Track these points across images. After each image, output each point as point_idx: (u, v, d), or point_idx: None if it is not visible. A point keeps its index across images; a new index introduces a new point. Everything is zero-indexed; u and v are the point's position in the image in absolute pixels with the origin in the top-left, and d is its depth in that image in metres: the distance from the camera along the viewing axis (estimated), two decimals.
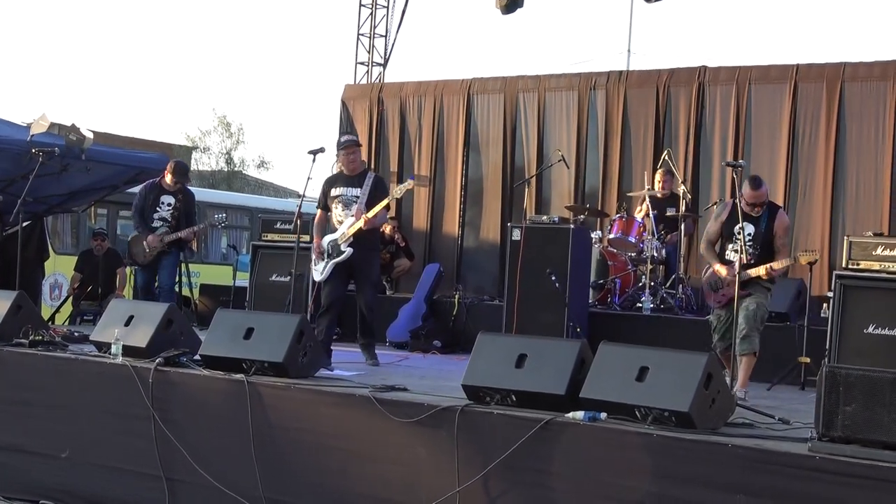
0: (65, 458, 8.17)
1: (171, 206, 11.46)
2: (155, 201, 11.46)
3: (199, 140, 44.62)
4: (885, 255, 8.53)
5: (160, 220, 11.42)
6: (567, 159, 12.84)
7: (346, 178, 9.66)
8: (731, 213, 8.38)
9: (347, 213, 9.48)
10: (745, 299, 8.10)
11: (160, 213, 11.43)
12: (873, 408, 5.34)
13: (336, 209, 9.55)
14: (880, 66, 12.28)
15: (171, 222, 11.42)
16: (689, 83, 13.24)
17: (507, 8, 14.64)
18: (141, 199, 11.53)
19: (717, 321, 8.52)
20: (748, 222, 8.25)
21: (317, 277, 9.61)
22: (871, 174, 12.13)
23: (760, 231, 8.25)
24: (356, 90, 16.21)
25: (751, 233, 8.25)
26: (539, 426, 6.14)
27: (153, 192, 11.52)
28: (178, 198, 11.50)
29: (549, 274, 10.22)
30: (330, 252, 9.46)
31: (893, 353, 8.25)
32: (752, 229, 8.26)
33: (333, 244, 9.46)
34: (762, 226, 8.25)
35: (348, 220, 9.43)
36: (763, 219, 8.26)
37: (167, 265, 11.47)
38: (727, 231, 8.40)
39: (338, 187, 9.60)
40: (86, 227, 17.82)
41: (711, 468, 5.67)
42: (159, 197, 11.49)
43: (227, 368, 7.58)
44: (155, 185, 11.58)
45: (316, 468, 7.08)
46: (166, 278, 11.48)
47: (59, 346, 8.67)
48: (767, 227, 8.26)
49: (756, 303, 8.16)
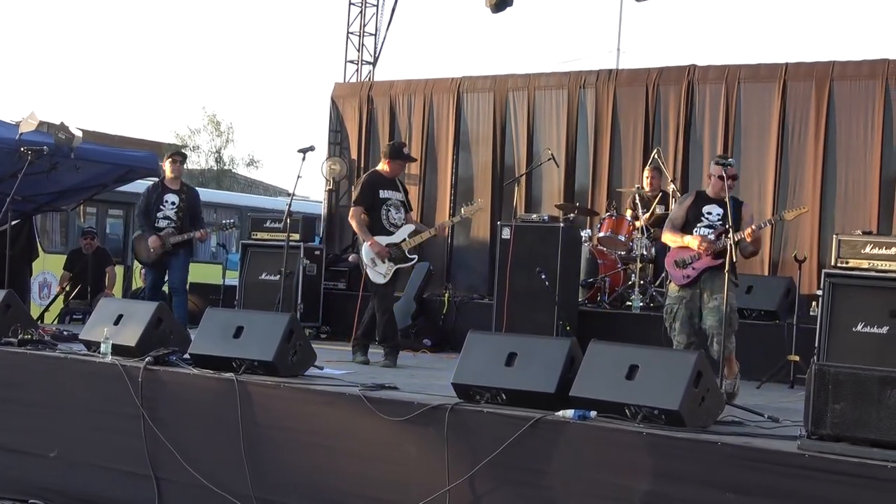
0: (53, 457, 8.15)
1: (174, 205, 11.39)
2: (158, 200, 11.39)
3: (189, 138, 44.55)
4: (874, 254, 8.56)
5: (165, 219, 11.35)
6: (557, 158, 12.85)
7: (388, 180, 9.73)
8: (696, 197, 8.31)
9: (400, 218, 9.60)
10: (714, 300, 7.88)
11: (164, 211, 11.36)
12: (862, 406, 5.35)
13: (389, 212, 9.57)
14: (869, 64, 12.30)
15: (177, 222, 11.34)
16: (679, 82, 13.25)
17: (497, 6, 14.63)
18: (144, 199, 11.48)
19: (678, 303, 8.10)
20: (714, 204, 8.14)
21: (379, 280, 9.48)
22: (860, 173, 12.15)
23: (729, 212, 7.88)
24: (346, 89, 16.19)
25: (719, 213, 8.08)
26: (529, 425, 6.14)
27: (156, 192, 11.47)
28: (182, 197, 11.44)
29: (539, 272, 10.23)
30: (393, 256, 9.45)
31: (882, 351, 8.28)
32: (721, 210, 8.06)
33: (398, 249, 9.48)
34: (731, 208, 7.89)
35: (407, 226, 9.57)
36: (731, 205, 7.91)
37: (177, 266, 11.39)
38: (693, 214, 8.20)
39: (385, 190, 9.63)
40: (75, 225, 17.80)
41: (701, 466, 5.68)
42: (163, 196, 11.42)
43: (217, 367, 7.56)
44: (158, 185, 11.55)
45: (306, 467, 7.08)
46: (177, 280, 11.40)
47: (49, 344, 8.65)
48: (735, 209, 7.96)
49: (729, 305, 7.84)
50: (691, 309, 8.05)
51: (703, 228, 8.11)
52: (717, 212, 8.11)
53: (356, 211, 9.61)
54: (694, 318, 8.04)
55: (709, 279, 8.00)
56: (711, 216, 8.13)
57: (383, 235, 9.47)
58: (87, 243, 13.89)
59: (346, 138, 15.82)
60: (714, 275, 7.96)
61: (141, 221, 11.51)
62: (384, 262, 9.41)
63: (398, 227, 9.56)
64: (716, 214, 8.11)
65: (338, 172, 15.72)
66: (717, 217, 8.10)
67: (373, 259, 9.43)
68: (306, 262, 12.14)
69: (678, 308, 8.11)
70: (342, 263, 13.58)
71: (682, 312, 8.08)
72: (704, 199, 8.22)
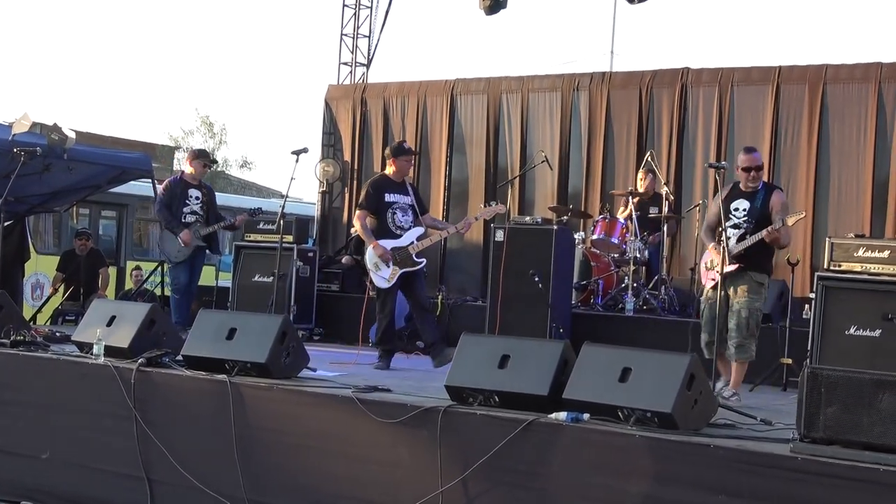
0: (46, 458, 8.13)
1: (199, 200, 11.38)
2: (183, 195, 11.34)
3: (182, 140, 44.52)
4: (867, 257, 8.55)
5: (192, 213, 11.33)
6: (550, 160, 12.85)
7: (394, 184, 9.69)
8: (729, 191, 8.37)
9: (408, 221, 9.56)
10: (736, 303, 8.07)
11: (190, 206, 11.33)
12: (855, 409, 5.35)
13: (395, 215, 9.54)
14: (862, 67, 12.33)
15: (202, 215, 11.33)
16: (672, 84, 13.27)
17: (491, 9, 14.66)
18: (168, 195, 11.39)
19: (705, 303, 8.33)
20: (743, 198, 8.24)
21: (383, 285, 9.46)
22: (853, 176, 12.18)
23: (756, 206, 8.15)
24: (339, 90, 16.19)
25: (746, 208, 8.20)
26: (522, 427, 6.14)
27: (179, 187, 11.41)
28: (203, 192, 11.45)
29: (532, 275, 10.23)
30: (398, 260, 9.41)
31: (874, 354, 8.27)
32: (748, 205, 8.19)
33: (403, 253, 9.44)
34: (758, 201, 8.17)
35: (416, 229, 9.54)
36: (759, 195, 8.18)
37: (200, 265, 11.45)
38: (723, 210, 8.28)
39: (391, 193, 9.59)
40: (67, 226, 17.78)
41: (693, 469, 5.68)
42: (186, 191, 11.38)
43: (210, 369, 7.55)
44: (179, 181, 11.49)
45: (298, 469, 7.07)
46: (197, 279, 11.46)
47: (41, 346, 8.64)
48: (763, 201, 8.16)
49: (748, 309, 8.06)
50: (715, 310, 8.07)
51: (729, 228, 8.17)
52: (745, 207, 8.20)
53: (360, 214, 9.60)
54: (717, 320, 8.05)
55: (733, 282, 8.13)
56: (738, 213, 8.20)
57: (389, 239, 9.44)
58: (81, 244, 13.87)
59: (340, 140, 15.83)
60: (737, 277, 8.10)
61: (167, 217, 11.36)
62: (388, 265, 9.37)
63: (406, 230, 9.51)
64: (742, 210, 8.20)
65: (331, 174, 15.73)
66: (744, 213, 8.19)
67: (376, 263, 9.40)
68: (299, 263, 12.12)
69: (704, 307, 8.35)
70: (335, 265, 13.56)
71: (706, 313, 8.28)
72: (737, 192, 8.29)
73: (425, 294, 9.77)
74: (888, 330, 8.33)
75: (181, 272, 11.41)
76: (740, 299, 8.08)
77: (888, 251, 8.51)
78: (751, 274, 8.12)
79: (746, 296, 8.08)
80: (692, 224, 12.31)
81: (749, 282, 8.13)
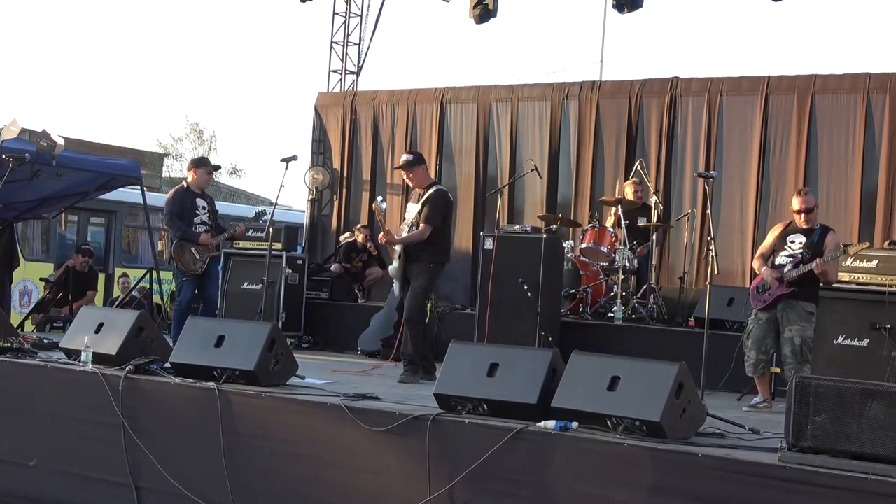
0: (33, 465, 8.11)
1: (206, 210, 10.90)
2: (192, 205, 10.83)
3: (172, 147, 44.61)
4: (855, 267, 8.59)
5: (201, 224, 10.81)
6: (540, 169, 12.88)
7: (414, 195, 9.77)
8: (786, 227, 8.73)
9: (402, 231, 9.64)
10: (789, 331, 8.38)
11: (200, 217, 10.82)
12: (842, 418, 5.36)
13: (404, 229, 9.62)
14: (850, 78, 12.39)
15: (210, 225, 10.86)
16: (662, 94, 13.30)
17: (481, 17, 14.66)
18: (178, 204, 10.77)
19: (755, 322, 8.60)
20: (801, 234, 8.58)
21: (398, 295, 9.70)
22: (842, 186, 12.22)
23: (812, 241, 8.49)
24: (329, 98, 16.20)
25: (802, 242, 8.54)
26: (510, 435, 6.14)
27: (188, 196, 10.87)
28: (208, 201, 10.97)
29: (521, 283, 10.23)
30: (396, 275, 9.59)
31: (862, 363, 8.31)
32: (804, 239, 8.54)
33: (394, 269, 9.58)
34: (814, 238, 8.50)
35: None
36: (816, 234, 8.54)
37: (214, 276, 10.96)
38: (780, 242, 8.67)
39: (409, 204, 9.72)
40: (56, 233, 17.73)
41: (682, 478, 5.68)
42: (195, 200, 10.87)
43: (198, 376, 7.54)
44: (185, 190, 10.91)
45: (286, 477, 7.05)
46: (214, 288, 10.98)
47: (29, 353, 8.61)
48: (820, 239, 8.49)
49: (801, 337, 8.36)
50: (765, 331, 8.52)
51: (783, 257, 8.56)
52: (801, 241, 8.57)
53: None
54: (768, 340, 8.51)
55: (784, 309, 8.46)
56: (794, 245, 8.57)
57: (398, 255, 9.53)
58: (83, 261, 13.88)
59: (329, 148, 15.83)
60: (789, 305, 8.45)
61: (180, 226, 10.72)
62: (394, 280, 9.61)
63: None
64: (798, 244, 8.57)
65: (320, 182, 15.73)
66: (800, 246, 8.55)
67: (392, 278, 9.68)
68: (288, 271, 12.11)
69: (753, 327, 8.60)
70: (324, 273, 13.57)
71: (756, 332, 8.57)
72: (794, 227, 8.67)
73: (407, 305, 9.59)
74: (876, 339, 8.37)
75: (188, 288, 10.79)
76: (793, 327, 8.39)
77: (876, 261, 8.55)
78: (802, 304, 8.43)
79: (799, 324, 8.39)
80: (681, 233, 12.35)
81: (800, 311, 8.43)
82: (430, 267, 9.41)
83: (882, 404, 5.30)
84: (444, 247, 9.59)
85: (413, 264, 9.37)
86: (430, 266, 9.41)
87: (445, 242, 9.65)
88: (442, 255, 9.56)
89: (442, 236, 9.49)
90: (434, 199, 9.41)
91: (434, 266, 9.45)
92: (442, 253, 9.55)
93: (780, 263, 8.53)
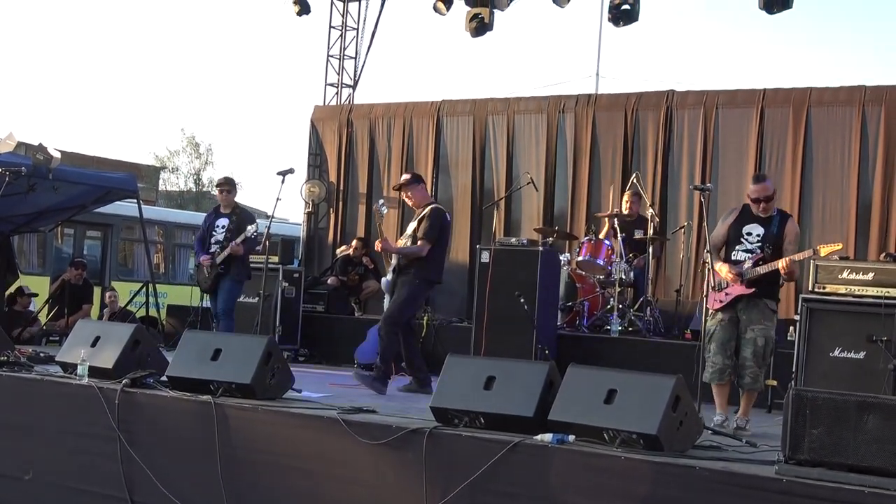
0: (29, 479, 8.09)
1: (224, 228, 10.95)
2: (211, 227, 11.06)
3: (168, 160, 44.65)
4: (851, 279, 8.60)
5: (215, 243, 10.93)
6: (536, 182, 12.90)
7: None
8: (739, 215, 7.98)
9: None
10: (751, 331, 7.67)
11: (215, 236, 10.97)
12: (839, 431, 5.36)
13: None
14: (846, 91, 12.42)
15: (225, 244, 10.85)
16: (658, 107, 13.33)
17: (477, 31, 14.68)
18: (202, 227, 11.25)
19: (716, 324, 7.80)
20: (757, 223, 7.84)
21: None
22: (837, 198, 12.24)
23: (771, 233, 7.77)
24: (325, 111, 16.22)
25: (760, 234, 7.81)
26: (507, 448, 6.13)
27: (210, 218, 11.18)
28: (233, 219, 10.96)
29: (518, 296, 10.23)
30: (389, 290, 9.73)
31: (859, 376, 8.31)
32: (762, 230, 7.81)
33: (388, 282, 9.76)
34: (773, 228, 7.79)
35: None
36: (774, 222, 7.81)
37: (224, 290, 10.89)
38: (734, 233, 7.91)
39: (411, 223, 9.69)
40: (52, 247, 17.72)
41: (679, 491, 5.67)
42: (215, 221, 11.07)
43: (194, 390, 7.53)
44: (212, 211, 11.30)
45: (283, 490, 7.04)
46: (222, 304, 10.90)
47: (25, 366, 8.60)
48: (779, 230, 7.79)
49: (764, 338, 7.68)
50: (730, 333, 7.76)
51: (741, 252, 7.83)
52: (758, 232, 7.82)
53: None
54: (733, 343, 7.75)
55: (745, 308, 7.75)
56: (751, 238, 7.83)
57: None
58: (77, 274, 13.87)
59: (326, 161, 15.85)
60: (751, 304, 7.73)
61: (195, 247, 11.30)
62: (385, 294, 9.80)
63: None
64: (756, 236, 7.82)
65: (317, 195, 15.74)
66: (758, 239, 7.81)
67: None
68: (285, 284, 12.12)
69: (716, 329, 7.82)
70: (321, 286, 13.57)
71: (719, 334, 7.78)
72: (749, 216, 7.90)
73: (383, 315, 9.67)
74: (872, 351, 8.37)
75: (210, 304, 11.20)
76: (756, 327, 7.69)
77: (872, 273, 8.57)
78: (766, 301, 7.75)
79: (762, 323, 7.71)
80: (677, 246, 12.35)
81: (764, 309, 7.75)
82: (416, 283, 9.38)
83: (879, 417, 5.30)
84: (435, 265, 9.52)
85: (400, 277, 9.40)
86: (417, 282, 9.37)
87: (438, 261, 9.58)
88: (431, 272, 9.49)
89: (435, 254, 9.45)
90: (431, 216, 9.43)
91: (420, 283, 9.41)
92: (431, 271, 9.48)
93: (737, 260, 7.79)
